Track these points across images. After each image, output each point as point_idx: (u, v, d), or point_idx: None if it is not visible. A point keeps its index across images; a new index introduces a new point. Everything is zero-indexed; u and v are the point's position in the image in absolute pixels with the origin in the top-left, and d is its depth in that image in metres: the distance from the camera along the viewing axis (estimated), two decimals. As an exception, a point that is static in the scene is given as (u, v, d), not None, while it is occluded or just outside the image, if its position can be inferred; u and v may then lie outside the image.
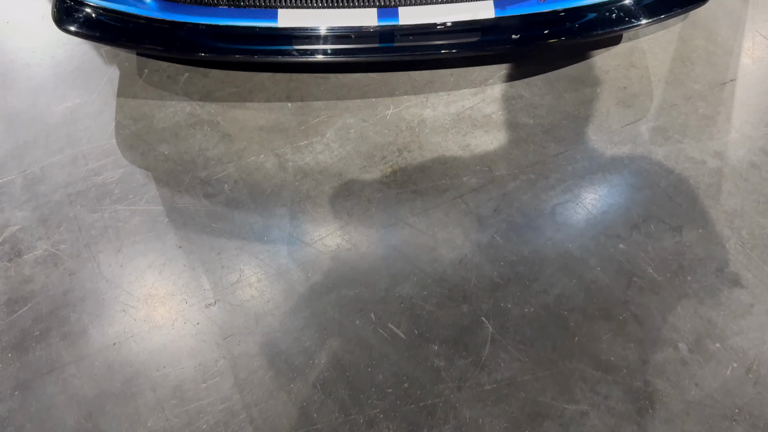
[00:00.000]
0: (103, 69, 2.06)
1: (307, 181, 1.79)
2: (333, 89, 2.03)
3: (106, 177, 1.79)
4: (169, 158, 1.83)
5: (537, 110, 1.96)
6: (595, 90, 2.01)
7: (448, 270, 1.61)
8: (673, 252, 1.63)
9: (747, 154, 1.84)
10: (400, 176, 1.81)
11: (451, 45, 1.80)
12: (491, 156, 1.85)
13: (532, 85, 2.03)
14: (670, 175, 1.79)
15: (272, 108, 1.97)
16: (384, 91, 2.03)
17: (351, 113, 1.97)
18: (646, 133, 1.89)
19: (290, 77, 2.06)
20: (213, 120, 1.93)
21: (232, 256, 1.63)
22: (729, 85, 2.01)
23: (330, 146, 1.88)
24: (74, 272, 1.61)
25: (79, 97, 1.98)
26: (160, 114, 1.94)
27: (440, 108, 1.98)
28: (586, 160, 1.83)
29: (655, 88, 2.01)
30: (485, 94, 2.01)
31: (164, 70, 2.05)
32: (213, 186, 1.77)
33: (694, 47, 2.12)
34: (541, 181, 1.79)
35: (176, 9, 1.77)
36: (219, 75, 2.05)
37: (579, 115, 1.94)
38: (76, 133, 1.89)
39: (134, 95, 1.99)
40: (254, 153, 1.86)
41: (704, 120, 1.92)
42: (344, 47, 1.79)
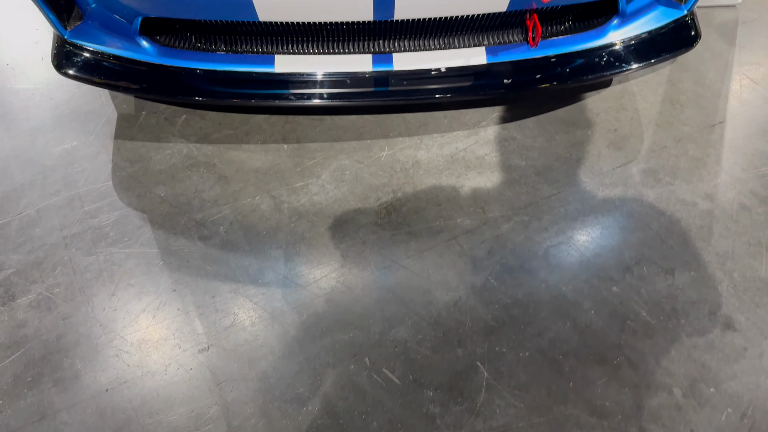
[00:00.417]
0: (101, 111, 2.08)
1: (302, 223, 1.81)
2: (328, 131, 2.06)
3: (102, 219, 1.79)
4: (165, 200, 1.85)
5: (529, 152, 1.99)
6: (586, 132, 2.04)
7: (442, 313, 1.62)
8: (666, 295, 1.64)
9: (737, 196, 1.86)
10: (395, 218, 1.82)
11: (444, 90, 1.83)
12: (485, 197, 1.87)
13: (524, 128, 2.06)
14: (662, 217, 1.81)
15: (268, 150, 2.00)
16: (379, 133, 2.06)
17: (346, 155, 1.99)
18: (637, 175, 1.91)
19: (286, 119, 2.09)
20: (209, 162, 1.95)
21: (227, 300, 1.63)
22: (718, 127, 2.05)
23: (325, 187, 1.90)
24: (68, 316, 1.60)
25: (76, 138, 2.00)
26: (157, 156, 1.96)
27: (434, 149, 2.01)
28: (579, 202, 1.85)
29: (646, 130, 2.04)
30: (478, 136, 2.04)
31: (162, 112, 2.08)
32: (208, 228, 1.78)
33: (683, 90, 2.17)
34: (534, 223, 1.80)
35: (174, 54, 1.80)
36: (216, 117, 2.08)
37: (571, 157, 1.97)
38: (72, 175, 1.90)
39: (132, 137, 2.01)
40: (250, 195, 1.87)
41: (694, 162, 1.95)
42: (340, 91, 1.82)
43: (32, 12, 2.47)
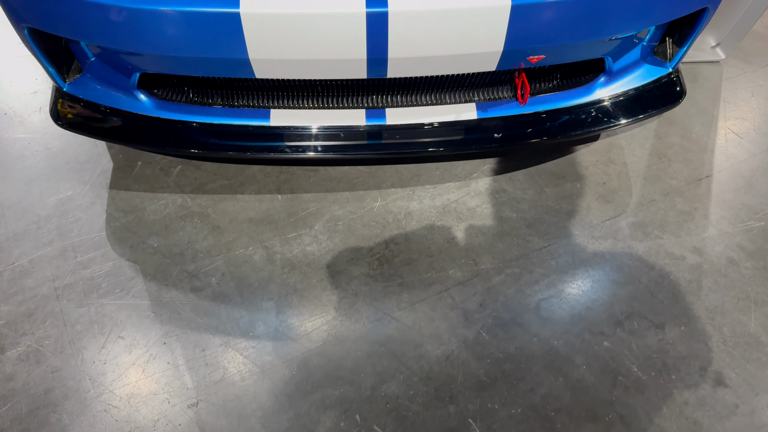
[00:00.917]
0: (97, 161, 2.11)
1: (294, 274, 1.81)
2: (322, 181, 2.08)
3: (95, 270, 1.79)
4: (158, 251, 1.85)
5: (520, 204, 2.02)
6: (575, 185, 2.07)
7: (434, 367, 1.61)
8: (656, 350, 1.65)
9: (725, 249, 1.88)
10: (387, 269, 1.83)
11: (436, 143, 1.87)
12: (476, 249, 1.89)
13: (514, 180, 2.09)
14: (651, 271, 1.82)
15: (262, 200, 2.01)
16: (372, 184, 2.08)
17: (339, 205, 2.01)
18: (626, 228, 1.94)
19: (281, 170, 2.11)
20: (203, 212, 1.97)
21: (217, 353, 1.63)
22: (705, 181, 2.09)
23: (318, 238, 1.91)
24: (57, 369, 1.59)
25: (71, 188, 2.02)
26: (151, 206, 1.97)
27: (426, 201, 2.03)
28: (569, 255, 1.87)
29: (634, 183, 2.08)
30: (469, 188, 2.07)
31: (157, 163, 2.10)
32: (200, 279, 1.79)
33: (670, 144, 2.21)
34: (525, 276, 1.82)
35: (171, 108, 1.83)
36: (211, 167, 2.10)
37: (561, 210, 2.00)
38: (66, 225, 1.91)
39: (127, 187, 2.02)
40: (243, 245, 1.88)
41: (682, 216, 1.98)
42: (334, 144, 1.85)
43: (32, 62, 2.52)
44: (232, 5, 1.44)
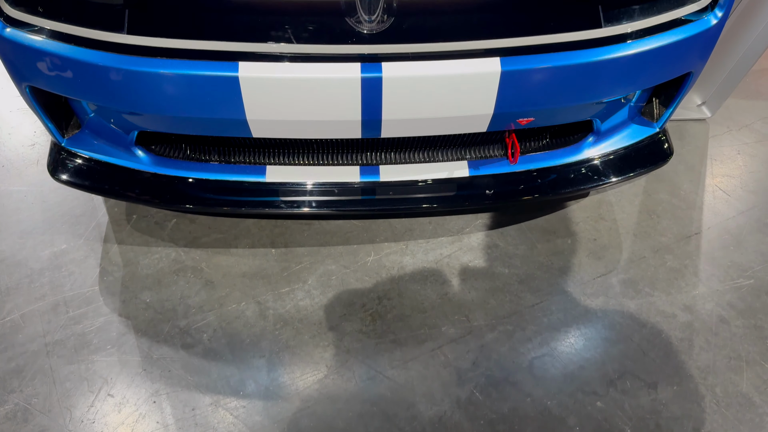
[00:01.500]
0: (92, 214, 2.12)
1: (287, 330, 1.81)
2: (316, 235, 2.10)
3: (86, 326, 1.79)
4: (151, 306, 1.85)
5: (512, 260, 2.03)
6: (566, 241, 2.09)
7: (427, 429, 1.60)
8: (649, 410, 1.64)
9: (715, 308, 1.90)
10: (380, 326, 1.83)
11: (429, 200, 1.90)
12: (469, 305, 1.89)
13: (506, 235, 2.12)
14: (643, 329, 1.83)
15: (256, 254, 2.03)
16: (365, 238, 2.10)
17: (333, 259, 2.02)
18: (617, 286, 1.95)
19: (275, 224, 2.13)
20: (197, 266, 1.97)
21: (207, 413, 1.61)
22: (694, 238, 2.12)
23: (311, 293, 1.92)
24: (44, 429, 1.56)
25: (66, 242, 2.03)
26: (145, 260, 1.98)
27: (419, 255, 2.05)
28: (561, 312, 1.87)
29: (624, 240, 2.10)
30: (462, 243, 2.09)
31: (152, 216, 2.12)
32: (192, 336, 1.78)
33: (659, 201, 2.25)
34: (518, 333, 1.82)
35: (168, 164, 1.86)
36: (206, 221, 2.12)
37: (552, 266, 2.01)
38: (59, 279, 1.91)
39: (121, 241, 2.03)
40: (235, 300, 1.88)
41: (672, 273, 2.00)
42: (328, 199, 1.87)
43: (30, 114, 2.56)
44: (231, 70, 1.48)
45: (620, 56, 1.58)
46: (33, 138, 2.44)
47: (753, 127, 2.65)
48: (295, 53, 1.52)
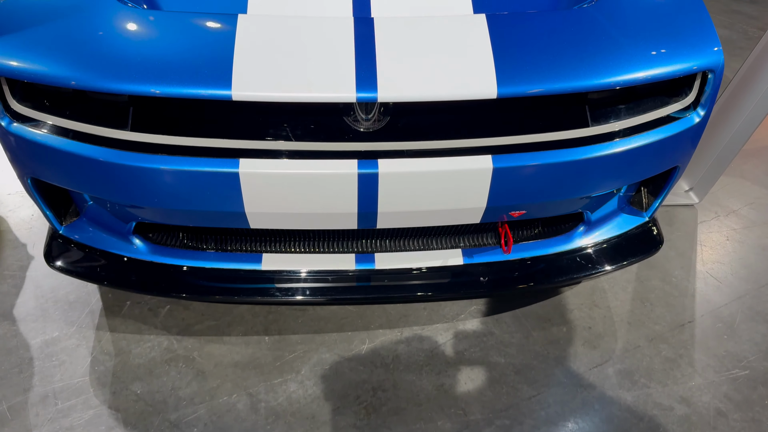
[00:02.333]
0: (86, 300, 2.11)
1: (278, 425, 1.77)
2: (310, 322, 2.09)
3: (74, 419, 1.75)
4: (141, 398, 1.81)
5: (508, 348, 2.02)
6: (561, 329, 2.09)
7: None
8: None
9: (712, 400, 1.88)
10: (374, 419, 1.80)
11: (424, 288, 1.90)
12: (465, 397, 1.87)
13: (501, 322, 2.12)
14: (641, 423, 1.81)
15: (249, 342, 2.01)
16: (360, 325, 2.09)
17: (327, 347, 2.01)
18: (613, 376, 1.94)
19: (269, 310, 2.12)
20: (189, 355, 1.95)
21: None
22: (688, 326, 2.12)
23: (304, 384, 1.89)
24: None
25: (58, 329, 2.01)
26: (137, 349, 1.96)
27: (414, 344, 2.03)
28: (558, 405, 1.85)
29: (618, 328, 2.10)
30: (457, 330, 2.08)
31: (146, 303, 2.11)
32: (182, 430, 1.74)
33: (652, 288, 2.27)
34: (515, 427, 1.79)
35: (165, 252, 1.87)
36: (199, 307, 2.11)
37: (548, 355, 2.00)
38: (49, 369, 1.88)
39: (114, 328, 2.02)
40: (227, 392, 1.85)
41: (668, 363, 1.99)
42: (323, 287, 1.88)
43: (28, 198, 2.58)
44: (232, 166, 1.52)
45: (607, 154, 1.64)
46: (30, 222, 2.46)
47: (740, 213, 2.71)
48: (295, 150, 1.57)
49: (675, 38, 1.65)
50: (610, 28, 1.65)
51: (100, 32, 1.54)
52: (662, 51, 1.61)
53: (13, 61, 1.49)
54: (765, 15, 5.13)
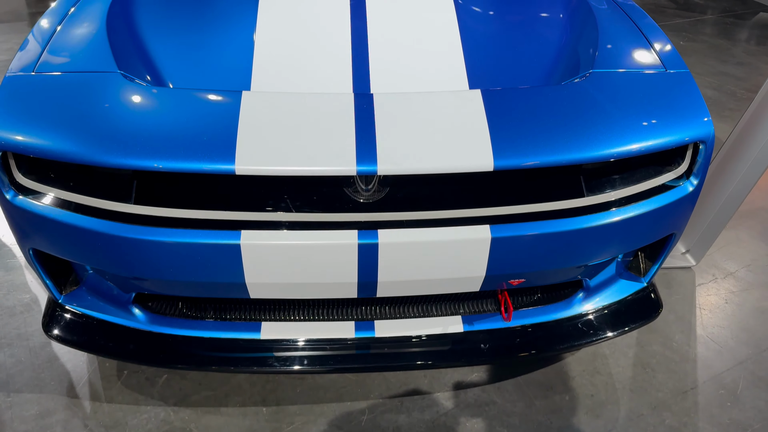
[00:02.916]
0: (82, 369, 2.09)
1: (277, 500, 1.73)
2: (309, 391, 2.07)
3: (66, 496, 1.70)
4: (136, 473, 1.78)
5: (510, 418, 1.99)
6: (564, 397, 2.07)
7: None
8: None
9: (720, 471, 1.85)
10: (375, 493, 1.75)
11: (424, 356, 1.89)
12: (467, 469, 1.83)
13: (503, 390, 2.09)
14: (648, 496, 1.77)
15: (246, 413, 1.98)
16: (359, 394, 2.06)
17: (326, 418, 1.98)
18: (618, 447, 1.91)
19: (267, 378, 2.10)
20: (186, 427, 1.91)
21: None
22: (690, 393, 2.10)
23: (303, 456, 1.85)
24: None
25: (53, 400, 1.98)
26: (133, 421, 1.92)
27: (415, 414, 2.00)
28: (562, 477, 1.81)
29: (621, 396, 2.08)
30: (459, 399, 2.06)
31: (143, 372, 2.09)
32: (178, 507, 1.69)
33: (653, 353, 2.25)
34: (518, 501, 1.75)
35: (164, 322, 1.87)
36: (197, 377, 2.09)
37: (551, 425, 1.97)
38: (43, 442, 1.85)
39: (110, 399, 1.99)
40: (225, 465, 1.81)
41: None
42: (322, 355, 1.86)
43: (26, 266, 2.59)
44: (233, 238, 1.53)
45: (604, 224, 1.66)
46: (28, 288, 2.46)
47: (738, 275, 2.72)
48: (296, 221, 1.59)
49: (666, 111, 1.71)
50: (602, 102, 1.70)
51: (106, 108, 1.59)
52: (653, 123, 1.66)
53: (19, 136, 1.53)
54: (752, 77, 5.27)
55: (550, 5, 2.29)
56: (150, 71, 1.77)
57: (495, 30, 2.13)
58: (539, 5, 2.32)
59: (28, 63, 1.74)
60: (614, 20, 2.12)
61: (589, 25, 2.06)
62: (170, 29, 1.99)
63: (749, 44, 6.19)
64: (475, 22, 2.10)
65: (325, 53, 1.86)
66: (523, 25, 2.20)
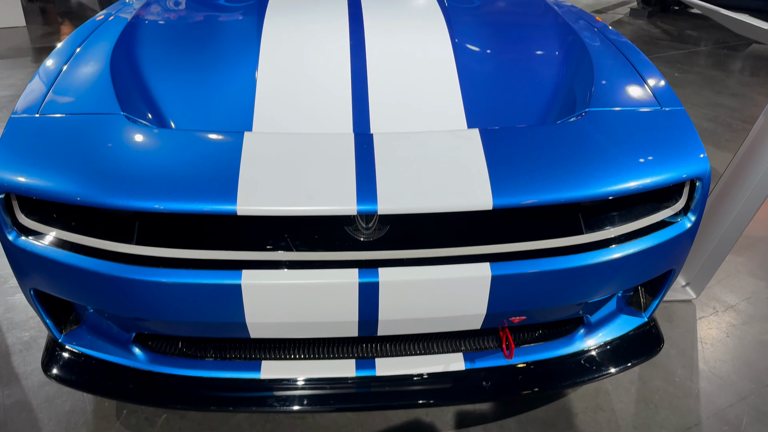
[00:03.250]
0: (82, 409, 2.07)
1: None
2: (309, 430, 2.05)
3: None
4: None
5: (512, 457, 1.97)
6: (567, 435, 2.05)
7: None
8: None
9: None
10: None
11: (425, 394, 1.88)
12: None
13: (505, 428, 2.07)
14: None
15: (247, 453, 1.96)
16: (360, 433, 2.05)
17: (326, 458, 1.95)
18: (622, 486, 1.88)
19: (267, 418, 2.08)
20: (185, 468, 1.89)
21: None
22: (694, 429, 2.08)
23: (304, 497, 1.83)
24: None
25: (50, 441, 1.96)
26: (131, 462, 1.90)
27: (416, 452, 1.98)
28: None
29: (625, 433, 2.07)
30: (460, 437, 2.04)
31: (142, 412, 2.07)
32: None
33: (655, 388, 2.24)
34: None
35: (165, 361, 1.86)
36: (196, 416, 2.07)
37: (554, 464, 1.95)
38: (40, 485, 1.82)
39: (108, 440, 1.97)
40: (224, 508, 1.79)
41: (678, 470, 1.94)
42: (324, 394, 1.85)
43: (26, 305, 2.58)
44: (234, 278, 1.54)
45: (603, 261, 1.67)
46: (27, 325, 2.45)
47: (738, 308, 2.72)
48: (296, 260, 1.60)
49: (662, 149, 1.73)
50: (599, 140, 1.72)
51: (108, 149, 1.61)
52: (650, 162, 1.68)
53: (22, 177, 1.54)
54: (747, 108, 5.33)
55: (546, 43, 2.34)
56: (153, 111, 1.79)
57: (492, 68, 2.16)
58: (535, 43, 2.37)
59: (33, 104, 1.76)
60: (608, 57, 2.16)
61: (585, 63, 2.09)
62: (174, 69, 2.02)
63: (743, 75, 6.29)
64: (471, 61, 2.13)
65: (326, 93, 1.89)
66: (519, 62, 2.23)
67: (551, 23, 2.50)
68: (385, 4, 2.52)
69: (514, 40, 2.39)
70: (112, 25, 2.24)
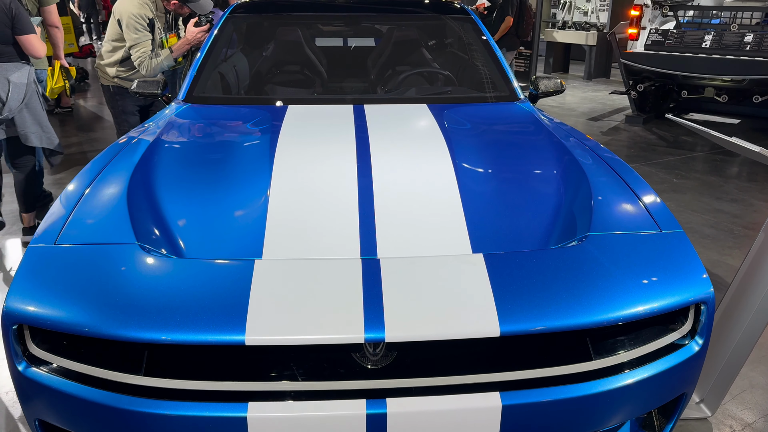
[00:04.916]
0: None
1: None
2: None
3: None
4: None
5: None
6: None
7: None
8: None
9: None
10: None
11: None
12: None
13: None
14: None
15: None
16: None
17: None
18: None
19: None
20: None
21: None
22: None
23: None
24: None
25: None
26: None
27: None
28: None
29: None
30: None
31: None
32: None
33: None
34: None
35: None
36: None
37: None
38: None
39: None
40: None
41: None
42: None
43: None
44: (240, 411, 1.52)
45: (614, 388, 1.65)
46: None
47: (756, 426, 2.63)
48: (303, 390, 1.58)
49: (666, 274, 1.75)
50: (603, 266, 1.75)
51: (122, 280, 1.65)
52: (655, 287, 1.70)
53: (36, 308, 1.57)
54: (747, 213, 5.40)
55: (543, 164, 2.41)
56: (167, 240, 1.85)
57: (493, 190, 2.21)
58: (533, 164, 2.44)
59: (51, 233, 1.82)
60: (603, 176, 2.22)
61: (583, 185, 2.15)
62: (189, 195, 2.10)
63: (740, 180, 6.41)
64: (473, 183, 2.19)
65: (334, 219, 1.95)
66: (519, 183, 2.30)
67: (547, 143, 2.58)
68: (390, 127, 2.64)
69: (513, 162, 2.47)
70: (133, 149, 2.35)
